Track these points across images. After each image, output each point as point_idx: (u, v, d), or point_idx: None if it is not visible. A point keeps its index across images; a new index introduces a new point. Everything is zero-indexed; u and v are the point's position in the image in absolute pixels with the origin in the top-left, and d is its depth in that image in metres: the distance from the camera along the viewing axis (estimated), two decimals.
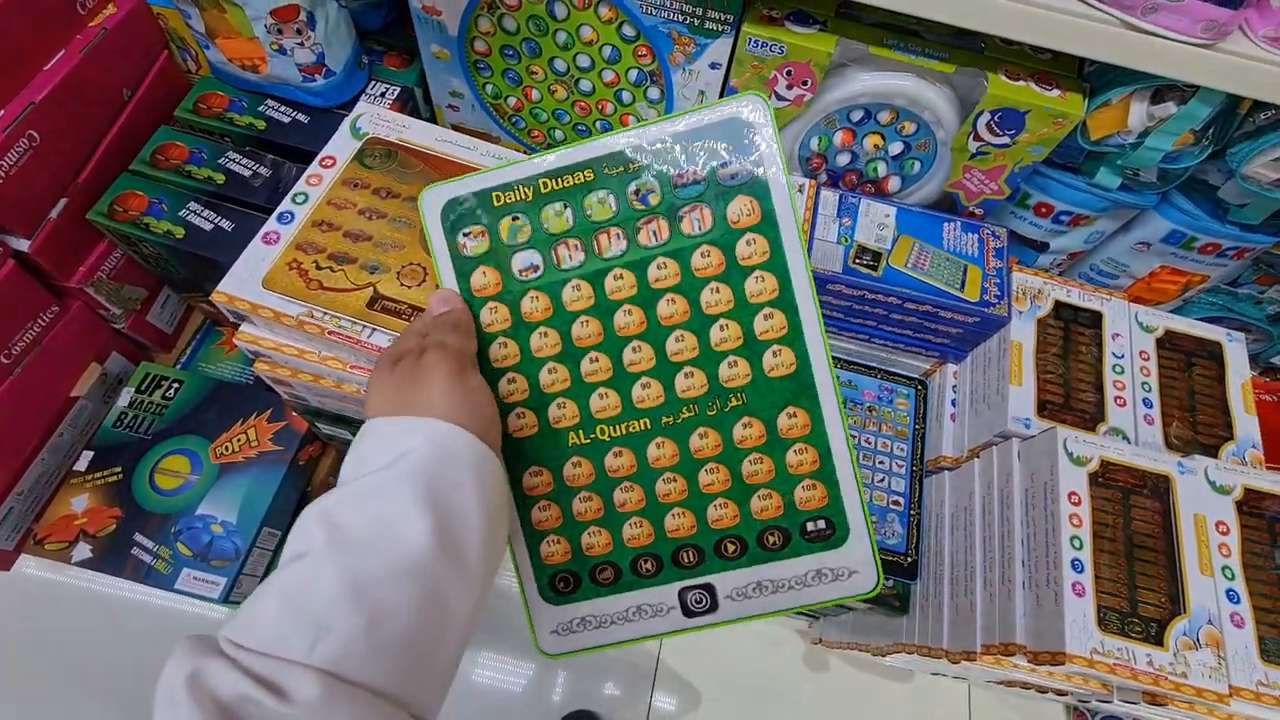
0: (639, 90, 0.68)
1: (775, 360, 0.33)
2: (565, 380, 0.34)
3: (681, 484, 0.34)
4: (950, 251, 0.67)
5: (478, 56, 0.69)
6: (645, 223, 0.34)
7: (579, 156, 0.34)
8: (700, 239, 0.33)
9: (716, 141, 0.33)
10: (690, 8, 0.58)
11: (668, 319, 0.34)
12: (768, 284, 0.33)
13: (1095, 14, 0.50)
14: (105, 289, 0.66)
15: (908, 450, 0.73)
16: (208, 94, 0.68)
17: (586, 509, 0.35)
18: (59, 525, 0.63)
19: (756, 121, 0.33)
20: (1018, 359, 0.63)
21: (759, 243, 0.33)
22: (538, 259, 0.34)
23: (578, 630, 0.35)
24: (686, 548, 0.34)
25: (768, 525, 0.34)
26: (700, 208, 0.33)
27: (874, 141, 0.66)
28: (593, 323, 0.34)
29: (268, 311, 0.49)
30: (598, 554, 0.35)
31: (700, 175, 0.33)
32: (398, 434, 0.30)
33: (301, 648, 0.25)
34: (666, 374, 0.34)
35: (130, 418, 0.68)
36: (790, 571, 0.34)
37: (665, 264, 0.34)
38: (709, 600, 0.34)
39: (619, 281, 0.34)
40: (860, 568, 0.34)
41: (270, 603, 0.27)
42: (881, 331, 0.72)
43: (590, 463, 0.34)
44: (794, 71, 0.60)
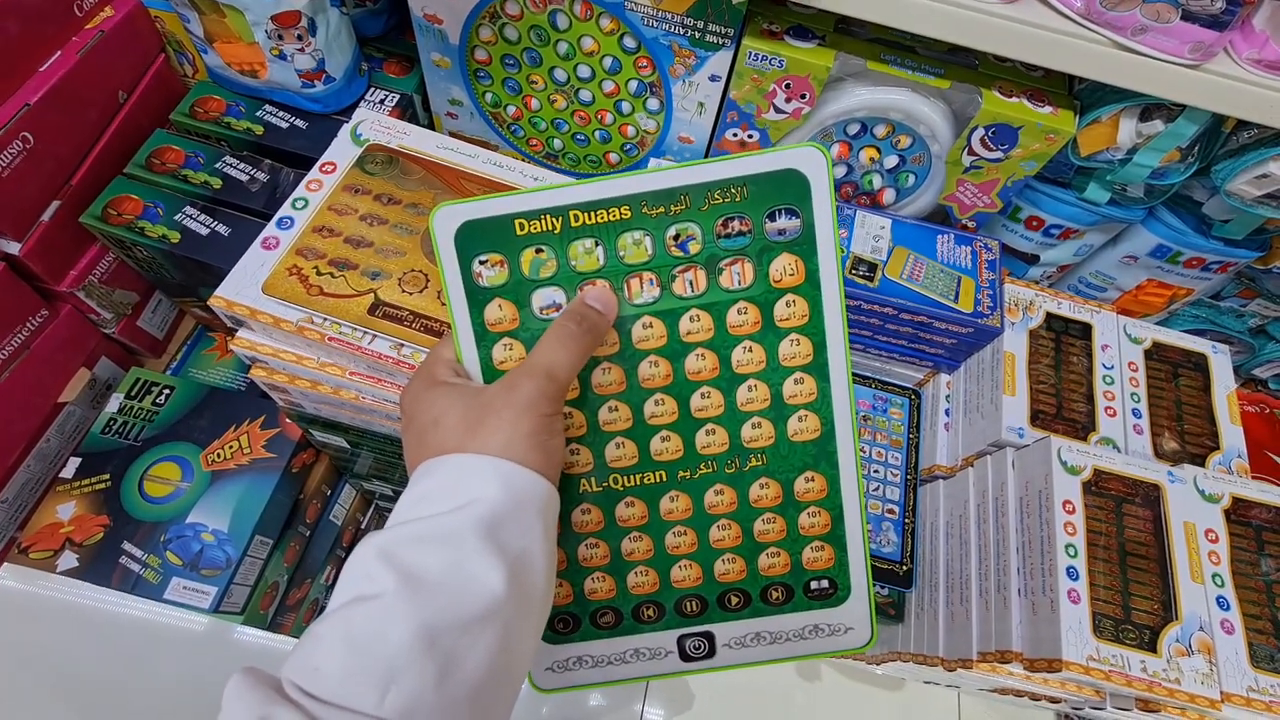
0: (638, 101, 0.68)
1: (800, 425, 0.32)
2: (581, 427, 0.32)
3: (692, 537, 0.34)
4: (944, 263, 0.68)
5: (478, 65, 0.69)
6: (682, 271, 0.32)
7: (617, 190, 0.31)
8: (739, 295, 0.32)
9: (768, 191, 0.31)
10: (691, 21, 0.59)
11: (695, 374, 0.32)
12: (803, 348, 0.32)
13: (1087, 34, 0.51)
14: (96, 293, 0.65)
15: (902, 459, 0.74)
16: (205, 98, 0.67)
17: (592, 555, 0.34)
18: (44, 533, 0.61)
19: (814, 176, 0.31)
20: (1011, 369, 0.63)
21: (799, 305, 0.32)
22: (561, 298, 0.31)
23: (574, 668, 0.34)
24: (690, 598, 0.34)
25: (773, 581, 0.34)
26: (742, 261, 0.31)
27: (870, 154, 0.68)
28: (615, 370, 0.32)
29: (267, 317, 0.49)
30: (600, 599, 0.34)
31: (747, 226, 0.31)
32: (466, 478, 0.28)
33: (372, 700, 0.24)
34: (688, 429, 0.33)
35: (119, 424, 0.67)
36: (789, 625, 0.34)
37: (699, 316, 0.32)
38: (707, 647, 0.34)
39: (648, 330, 0.32)
40: (856, 624, 0.34)
41: (338, 648, 0.25)
42: (876, 341, 0.73)
43: (600, 510, 0.33)
44: (793, 85, 0.61)
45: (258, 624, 0.70)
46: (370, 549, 0.27)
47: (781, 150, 0.31)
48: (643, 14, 0.60)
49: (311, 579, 0.79)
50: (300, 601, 0.77)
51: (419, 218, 0.54)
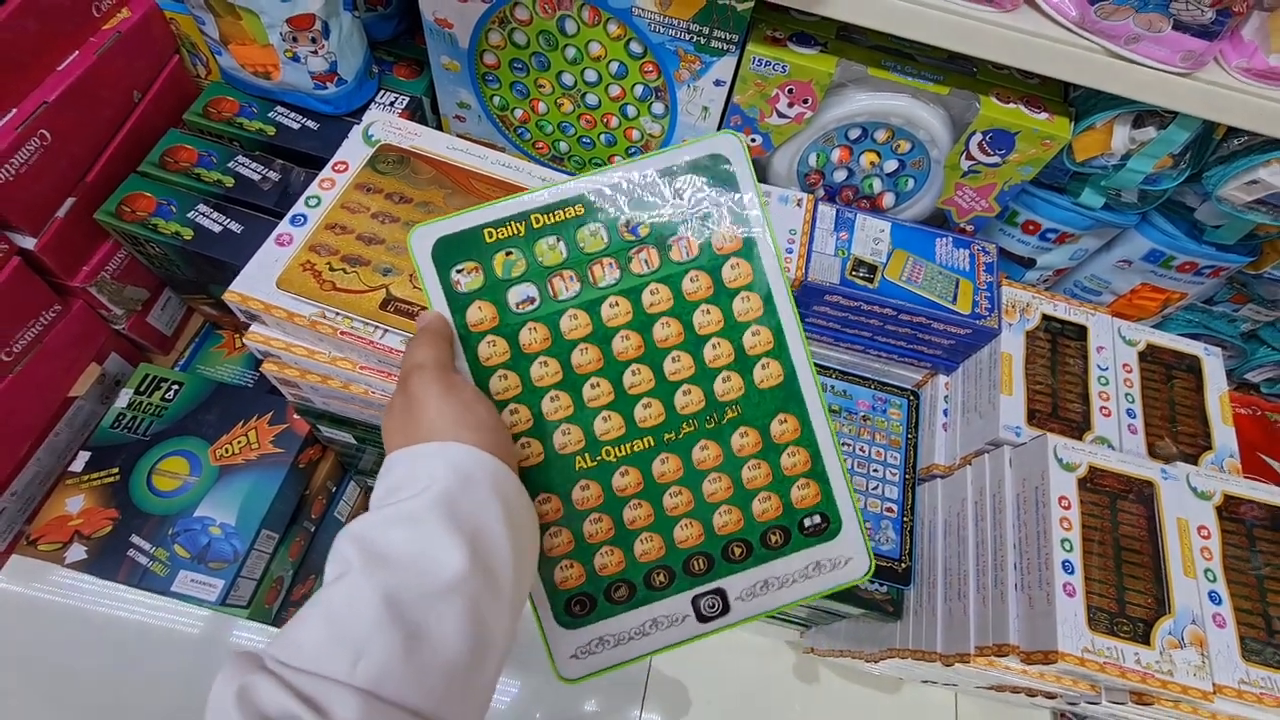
0: (644, 105, 0.70)
1: (764, 373, 0.36)
2: (568, 407, 0.35)
3: (687, 495, 0.36)
4: (943, 266, 0.69)
5: (487, 69, 0.70)
6: (636, 252, 0.35)
7: (569, 193, 0.35)
8: (689, 265, 0.35)
9: (698, 176, 0.36)
10: (697, 26, 0.60)
11: (663, 341, 0.36)
12: (752, 303, 0.35)
13: (1082, 42, 0.53)
14: (108, 289, 0.66)
15: (901, 459, 0.75)
16: (218, 99, 0.68)
17: (597, 530, 0.35)
18: (53, 526, 0.62)
19: (734, 157, 0.36)
20: (1008, 370, 0.65)
21: (742, 266, 0.36)
22: (534, 291, 0.35)
23: (596, 651, 0.35)
24: (696, 556, 0.36)
25: (769, 526, 0.36)
26: (687, 237, 0.35)
27: (870, 159, 0.69)
28: (592, 349, 0.35)
29: (280, 311, 0.50)
30: (611, 573, 0.35)
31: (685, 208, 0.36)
32: (416, 461, 0.30)
33: (343, 667, 0.26)
34: (666, 393, 0.35)
35: (129, 419, 0.67)
36: (792, 567, 0.36)
37: (658, 289, 0.35)
38: (721, 604, 0.36)
39: (615, 309, 0.35)
40: (854, 554, 0.36)
41: (313, 623, 0.27)
42: (876, 343, 0.74)
43: (598, 484, 0.35)
44: (795, 90, 0.63)
45: (262, 618, 0.70)
46: (343, 536, 0.29)
47: (703, 139, 0.36)
48: (649, 20, 0.61)
49: (316, 574, 0.80)
50: (304, 596, 0.78)
51: (430, 216, 0.55)
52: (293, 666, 0.26)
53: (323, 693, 0.25)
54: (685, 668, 1.00)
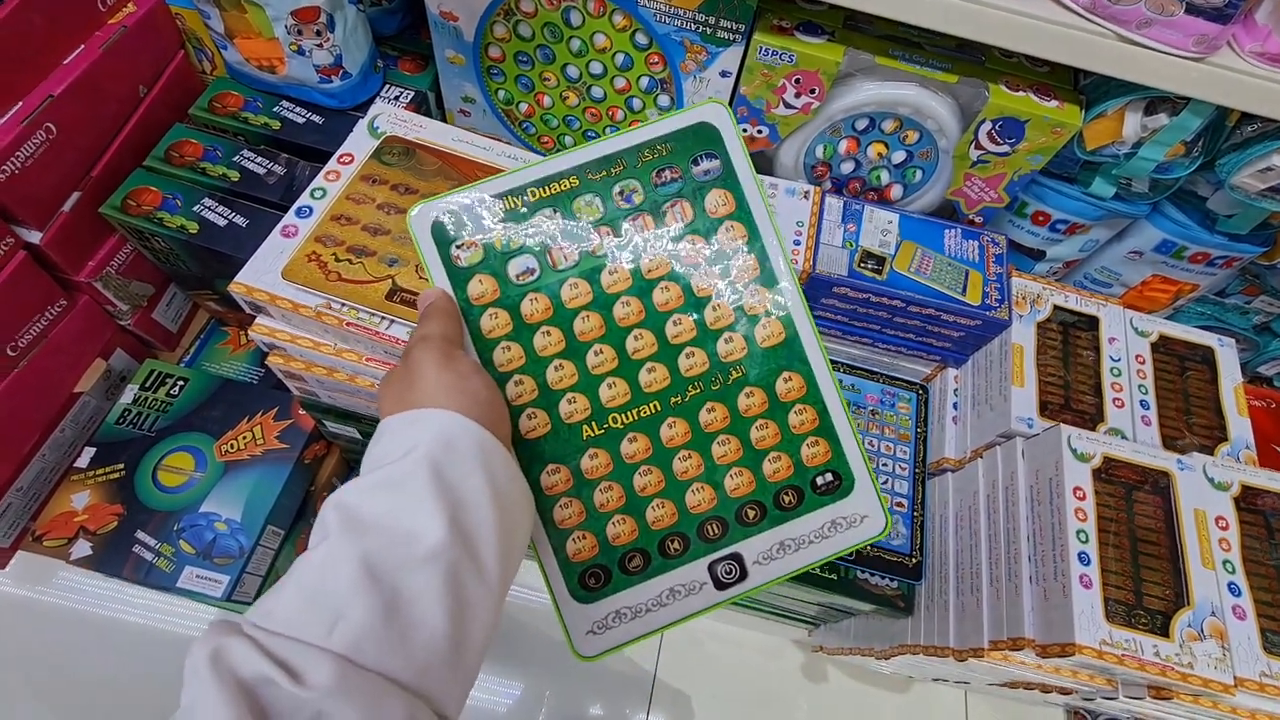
0: (649, 97, 0.69)
1: (765, 331, 0.35)
2: (573, 375, 0.35)
3: (697, 459, 0.35)
4: (952, 257, 0.69)
5: (491, 62, 0.70)
6: (632, 219, 0.35)
7: (563, 165, 0.36)
8: (685, 230, 0.36)
9: (689, 143, 0.36)
10: (703, 17, 0.60)
11: (664, 305, 0.35)
12: (749, 263, 0.36)
13: (1092, 28, 0.52)
14: (114, 284, 0.66)
15: (910, 453, 0.74)
16: (223, 93, 0.68)
17: (608, 499, 0.35)
18: (58, 522, 0.62)
19: (721, 124, 0.36)
20: (1019, 361, 0.64)
21: (737, 228, 0.36)
22: (533, 263, 0.35)
23: (613, 625, 0.34)
24: (710, 520, 0.35)
25: (782, 486, 0.35)
26: (681, 202, 0.36)
27: (878, 150, 0.68)
28: (593, 317, 0.35)
29: (286, 302, 0.50)
30: (624, 542, 0.35)
31: (678, 173, 0.36)
32: (405, 428, 0.30)
33: (319, 631, 0.25)
34: (669, 356, 0.35)
35: (134, 414, 0.67)
36: (808, 527, 0.35)
37: (655, 255, 0.36)
38: (738, 569, 0.35)
39: (614, 276, 0.35)
40: (869, 512, 0.36)
41: (289, 589, 0.27)
42: (884, 335, 0.74)
43: (607, 452, 0.35)
44: (802, 80, 0.62)
45: None
46: (327, 503, 0.29)
47: (691, 109, 0.36)
48: (655, 10, 0.61)
49: None
50: None
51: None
52: (268, 630, 0.25)
53: (298, 656, 0.24)
54: (693, 668, 0.99)
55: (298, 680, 0.24)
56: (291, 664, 0.24)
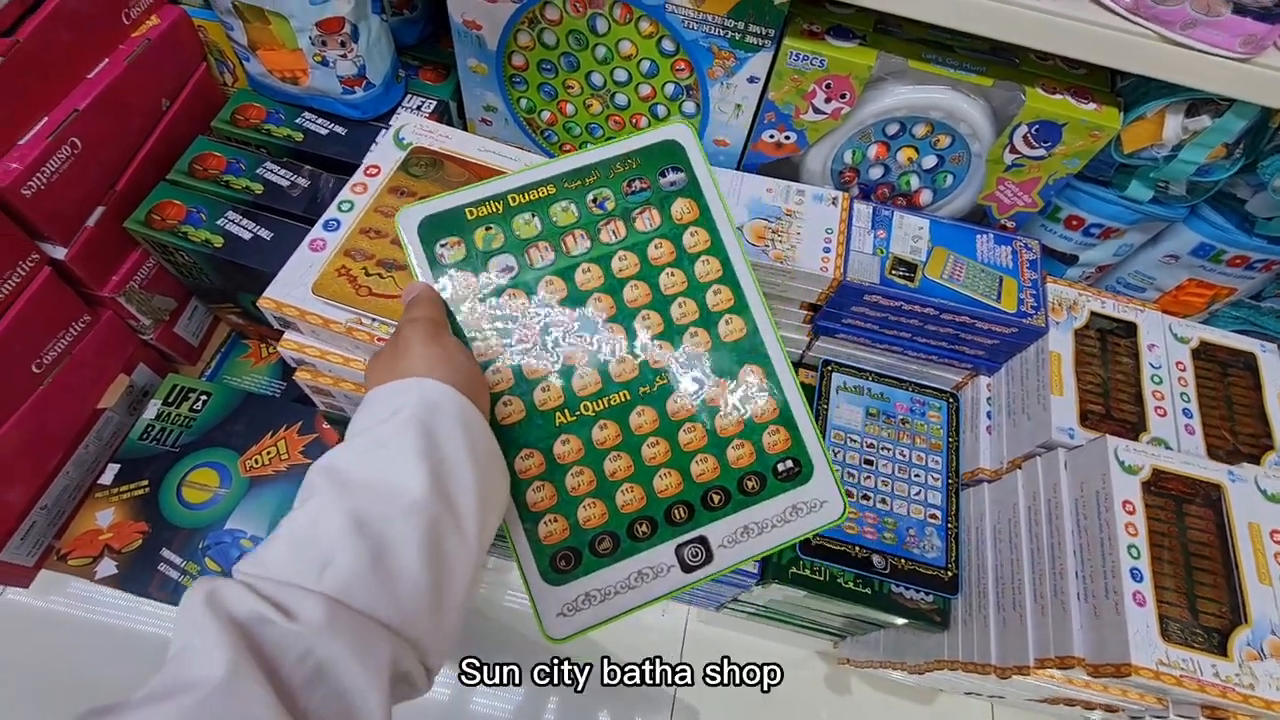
0: (675, 104, 0.68)
1: (728, 327, 0.38)
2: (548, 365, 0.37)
3: (664, 446, 0.37)
4: (984, 263, 0.67)
5: (514, 71, 0.69)
6: (604, 224, 0.38)
7: (541, 175, 0.39)
8: (652, 234, 0.39)
9: (656, 158, 0.39)
10: (732, 22, 0.59)
11: (633, 301, 0.38)
12: (712, 266, 0.39)
13: (1135, 29, 0.51)
14: (137, 299, 0.65)
15: (943, 463, 0.73)
16: (245, 106, 0.68)
17: (579, 483, 0.36)
18: (83, 540, 0.61)
19: (686, 142, 0.40)
20: (1057, 369, 0.63)
21: (700, 234, 0.39)
22: (512, 261, 0.37)
23: (583, 607, 0.35)
24: (677, 505, 0.37)
25: (745, 471, 0.37)
26: (649, 209, 0.39)
27: (908, 155, 0.67)
28: (568, 311, 0.37)
29: (316, 318, 0.49)
30: (595, 525, 0.36)
31: (646, 184, 0.39)
32: (391, 395, 0.32)
33: (310, 576, 0.27)
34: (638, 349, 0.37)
35: (157, 430, 0.66)
36: (770, 511, 0.37)
37: (625, 256, 0.38)
38: (704, 553, 0.36)
39: (587, 274, 0.38)
40: (828, 497, 0.38)
41: (279, 541, 0.28)
42: (915, 344, 0.72)
43: (578, 438, 0.36)
44: (833, 85, 0.61)
45: None
46: (314, 467, 0.30)
47: (658, 128, 0.40)
48: (683, 16, 0.60)
49: None
50: None
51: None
52: (261, 575, 0.27)
53: (290, 597, 0.26)
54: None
55: (290, 617, 0.25)
56: (284, 603, 0.26)
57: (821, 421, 0.73)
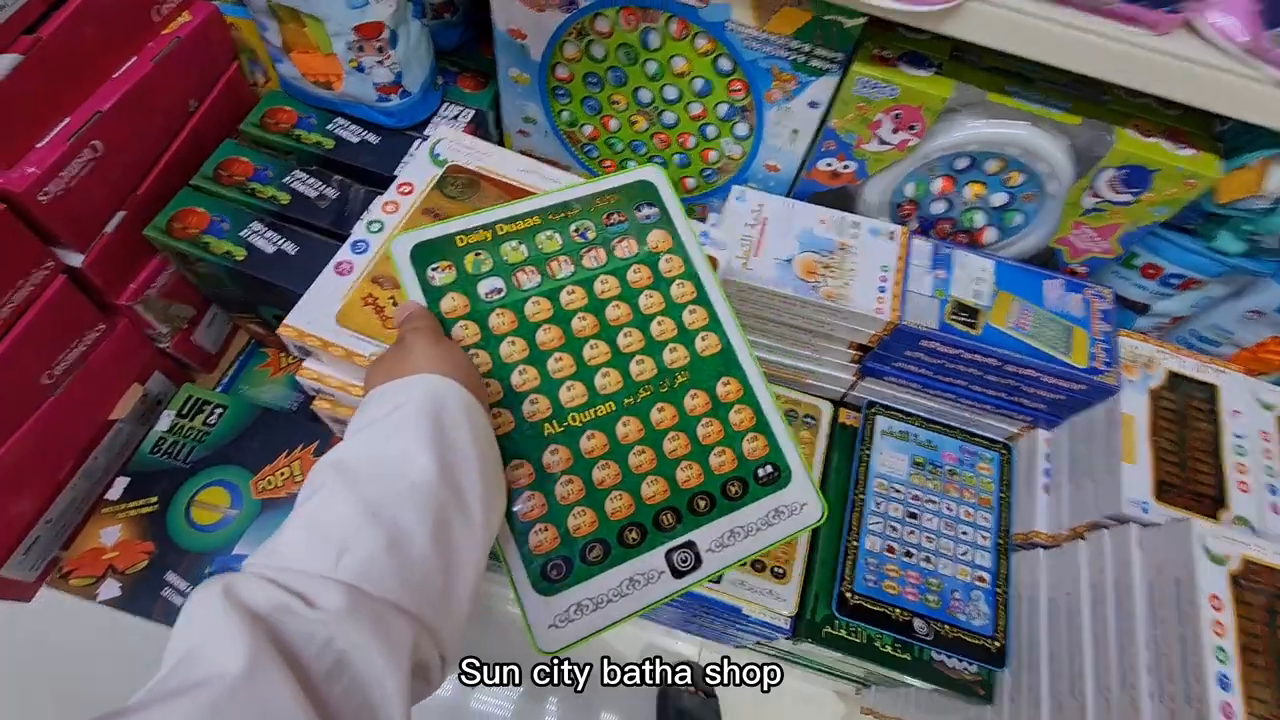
0: (726, 125, 0.64)
1: (704, 343, 0.40)
2: (535, 379, 0.38)
3: (650, 454, 0.38)
4: (1053, 311, 0.63)
5: (558, 82, 0.66)
6: (587, 251, 0.41)
7: (526, 207, 0.41)
8: (631, 260, 0.41)
9: (632, 194, 0.43)
10: (797, 44, 0.55)
11: (615, 320, 0.40)
12: (687, 288, 0.41)
13: (1246, 71, 0.46)
14: (155, 307, 0.62)
15: (993, 521, 0.68)
16: (275, 109, 0.65)
17: (569, 491, 0.37)
18: (87, 558, 0.59)
19: (658, 183, 0.44)
20: (1130, 434, 0.58)
21: (675, 260, 0.42)
22: (500, 283, 0.39)
23: (575, 618, 0.35)
24: (665, 510, 0.38)
25: (728, 477, 0.39)
26: (628, 239, 0.42)
27: (975, 191, 0.62)
28: (553, 329, 0.39)
29: (340, 350, 0.45)
30: (585, 533, 0.36)
31: (624, 216, 0.42)
32: (395, 392, 0.32)
33: (326, 562, 0.26)
34: (622, 363, 0.39)
35: (169, 443, 0.64)
36: (754, 515, 0.38)
37: (607, 279, 0.41)
38: (693, 557, 0.37)
39: (572, 295, 0.40)
40: (807, 499, 0.39)
41: (293, 531, 0.28)
42: (970, 392, 0.67)
43: (567, 448, 0.37)
44: (902, 115, 0.56)
45: None
46: (320, 463, 0.30)
47: (631, 170, 0.44)
48: (744, 35, 0.56)
49: None
50: None
51: None
52: (277, 566, 0.26)
53: (309, 586, 0.25)
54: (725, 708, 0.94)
55: (312, 605, 0.25)
56: (304, 592, 0.25)
57: (863, 468, 0.69)
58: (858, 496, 0.68)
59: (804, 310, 0.63)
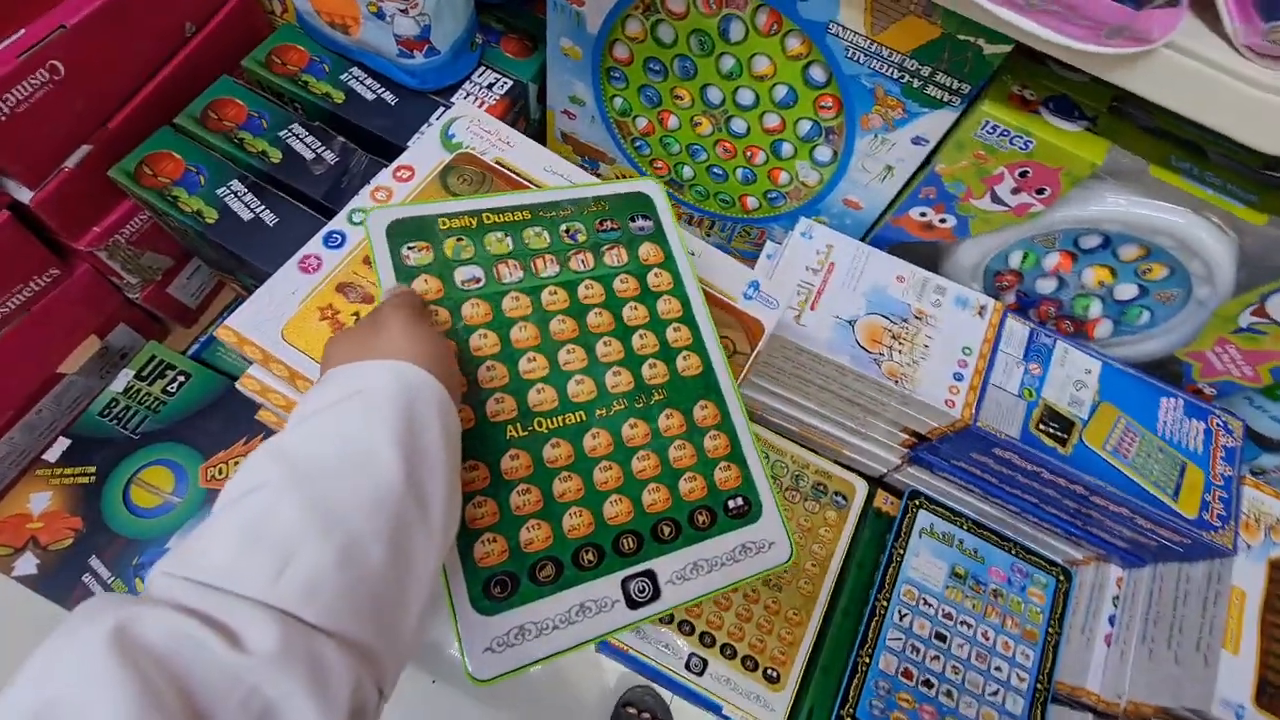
0: (805, 146, 0.53)
1: (685, 363, 0.38)
2: (504, 377, 0.35)
3: (617, 471, 0.36)
4: (1166, 440, 0.51)
5: (614, 63, 0.55)
6: (574, 253, 0.39)
7: (517, 201, 0.39)
8: (619, 269, 0.39)
9: (627, 204, 0.41)
10: (915, 64, 0.43)
11: (596, 327, 0.38)
12: (673, 305, 0.39)
13: None
14: (121, 255, 0.55)
15: (1034, 659, 0.58)
16: (286, 46, 0.56)
17: (525, 502, 0.34)
18: (10, 525, 0.53)
19: (655, 196, 0.42)
20: (1237, 613, 0.46)
21: (664, 275, 0.40)
22: (479, 273, 0.37)
23: (515, 643, 0.32)
24: (626, 534, 0.35)
25: (696, 505, 0.36)
26: (618, 247, 0.40)
27: (1099, 276, 0.50)
28: (530, 328, 0.37)
29: (281, 367, 0.37)
30: (537, 549, 0.33)
31: (617, 225, 0.40)
32: (359, 374, 0.28)
33: (262, 580, 0.22)
34: (598, 372, 0.37)
35: (120, 407, 0.57)
36: (720, 549, 0.36)
37: (592, 285, 0.38)
38: (651, 588, 0.34)
39: (554, 296, 0.38)
40: (776, 539, 0.37)
41: (222, 534, 0.23)
42: (1038, 510, 0.56)
43: (528, 454, 0.34)
44: (1032, 175, 0.45)
45: None
46: (260, 450, 0.25)
47: (630, 181, 0.42)
48: (848, 44, 0.44)
49: None
50: None
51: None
52: (198, 581, 0.22)
53: (234, 613, 0.21)
54: None
55: (235, 644, 0.20)
56: (227, 623, 0.21)
57: (893, 570, 0.59)
58: (880, 602, 0.58)
59: (857, 384, 0.52)
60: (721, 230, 0.66)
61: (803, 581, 0.59)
